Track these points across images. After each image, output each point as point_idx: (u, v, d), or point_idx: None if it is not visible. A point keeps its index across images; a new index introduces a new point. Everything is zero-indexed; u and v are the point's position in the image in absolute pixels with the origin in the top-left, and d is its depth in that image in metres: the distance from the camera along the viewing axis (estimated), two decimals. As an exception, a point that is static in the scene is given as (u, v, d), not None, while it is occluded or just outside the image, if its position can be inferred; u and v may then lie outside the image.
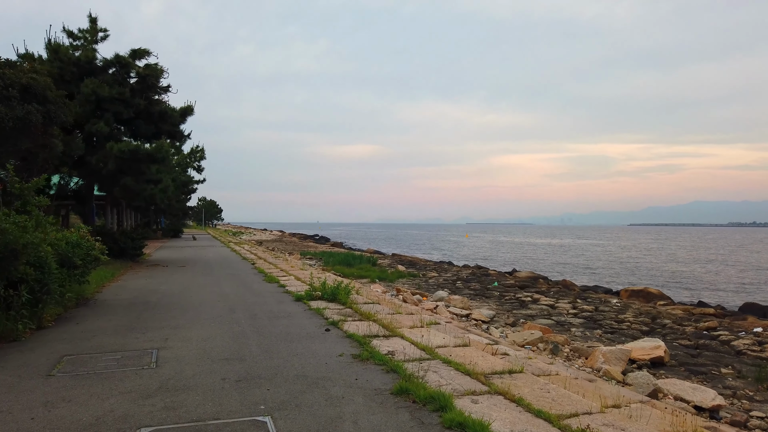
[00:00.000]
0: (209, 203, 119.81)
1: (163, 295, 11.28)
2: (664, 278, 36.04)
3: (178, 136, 20.56)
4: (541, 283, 29.09)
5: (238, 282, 13.98)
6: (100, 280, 13.35)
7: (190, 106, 20.27)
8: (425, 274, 31.24)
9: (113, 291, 12.03)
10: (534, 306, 21.40)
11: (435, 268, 35.91)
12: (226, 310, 9.38)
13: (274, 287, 12.89)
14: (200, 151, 50.91)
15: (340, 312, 9.29)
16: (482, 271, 36.00)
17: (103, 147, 17.96)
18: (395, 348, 6.51)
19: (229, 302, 10.36)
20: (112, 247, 19.98)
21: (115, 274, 15.42)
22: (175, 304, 10.03)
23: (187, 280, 14.26)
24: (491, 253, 63.89)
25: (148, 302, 10.30)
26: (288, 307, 9.77)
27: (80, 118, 17.72)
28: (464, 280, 29.25)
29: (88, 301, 10.47)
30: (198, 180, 52.86)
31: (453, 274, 32.25)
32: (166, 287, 12.74)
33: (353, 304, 10.09)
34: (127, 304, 10.14)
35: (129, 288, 12.56)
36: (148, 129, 19.06)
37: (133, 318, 8.60)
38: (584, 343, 14.82)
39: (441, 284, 27.23)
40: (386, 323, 8.01)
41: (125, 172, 18.01)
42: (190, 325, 7.97)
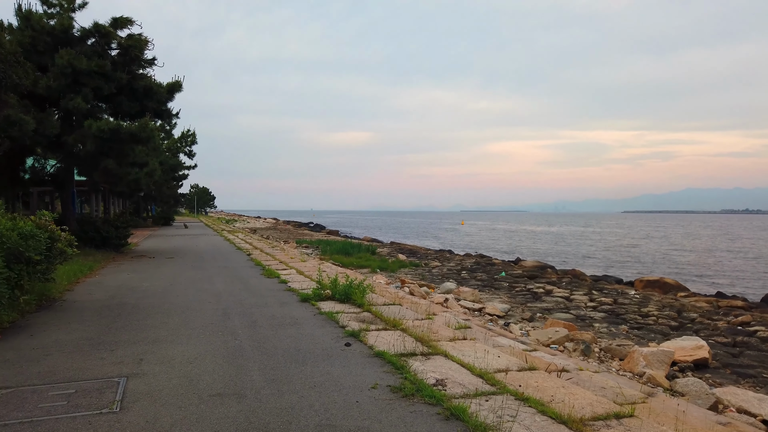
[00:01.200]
0: (202, 190, 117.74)
1: (144, 295, 9.60)
2: (672, 267, 34.77)
3: (165, 115, 18.75)
4: (550, 272, 27.68)
5: (233, 277, 12.32)
6: (74, 274, 11.65)
7: (178, 81, 18.44)
8: (427, 264, 29.74)
9: (87, 289, 10.33)
10: (548, 298, 19.93)
11: (437, 257, 34.43)
12: (219, 315, 7.74)
13: (275, 283, 11.24)
14: (191, 136, 48.95)
15: (357, 317, 7.66)
16: (486, 260, 34.53)
17: (81, 126, 16.14)
18: (444, 373, 4.90)
19: (222, 303, 8.71)
20: (93, 237, 18.27)
21: (94, 267, 13.70)
22: (157, 307, 8.36)
23: (175, 275, 12.59)
24: (489, 241, 62.55)
25: (125, 304, 8.63)
26: (294, 311, 8.14)
27: (55, 93, 15.90)
28: (469, 270, 27.78)
29: (54, 302, 8.79)
30: (189, 165, 50.91)
31: (456, 264, 30.77)
32: (150, 284, 11.06)
33: (371, 306, 8.47)
34: (99, 306, 8.45)
35: (106, 285, 10.87)
36: (131, 106, 17.24)
37: (103, 327, 6.93)
38: (611, 340, 13.42)
39: (445, 274, 25.76)
40: (420, 334, 6.39)
41: (106, 153, 16.22)
42: (172, 338, 6.31)
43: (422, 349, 5.73)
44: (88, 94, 16.08)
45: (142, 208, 49.43)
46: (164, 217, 49.50)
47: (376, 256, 29.92)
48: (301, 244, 35.48)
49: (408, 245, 46.70)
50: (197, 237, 29.71)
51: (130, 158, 16.67)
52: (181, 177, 54.15)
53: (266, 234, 46.75)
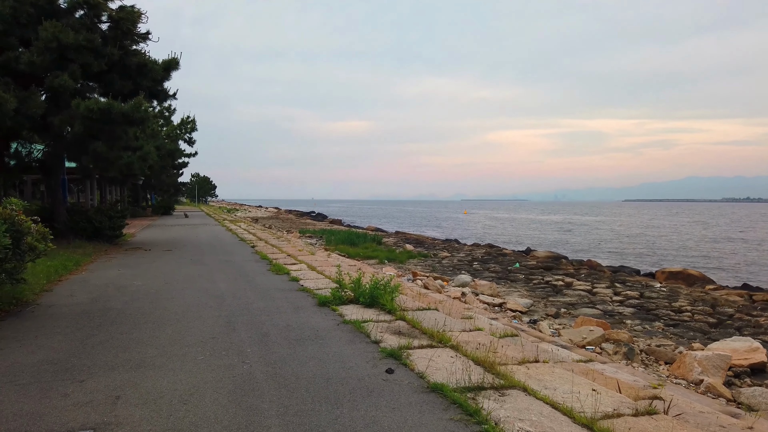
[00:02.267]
0: (203, 179, 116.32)
1: (133, 297, 8.19)
2: (689, 257, 33.40)
3: (161, 95, 17.24)
4: (565, 263, 26.35)
5: (237, 273, 10.91)
6: (57, 271, 10.24)
7: (175, 58, 16.91)
8: (436, 254, 28.41)
9: (69, 289, 8.91)
10: (570, 292, 18.60)
11: (445, 248, 33.09)
12: (221, 325, 6.33)
13: (285, 282, 9.81)
14: (191, 122, 47.38)
15: (390, 327, 6.25)
16: (496, 250, 33.15)
17: (68, 106, 14.66)
18: (536, 423, 3.51)
19: (225, 308, 7.30)
20: (85, 228, 16.86)
21: (82, 261, 12.30)
22: (147, 314, 6.94)
23: (171, 271, 11.17)
24: (494, 230, 61.18)
25: (109, 309, 7.21)
26: (312, 318, 6.72)
27: (39, 70, 14.38)
28: (481, 261, 26.44)
29: (25, 307, 7.38)
30: (189, 153, 49.39)
31: (466, 254, 29.42)
32: (142, 282, 9.65)
33: (404, 312, 7.06)
34: (78, 312, 7.04)
35: (92, 283, 9.45)
36: (124, 85, 15.74)
37: (77, 343, 5.51)
38: (648, 339, 12.11)
39: (456, 266, 24.46)
40: (480, 355, 4.97)
41: (96, 136, 14.74)
42: (163, 361, 4.90)
43: (491, 380, 4.31)
44: (75, 71, 14.58)
45: (141, 197, 47.97)
46: (164, 207, 48.08)
47: (383, 247, 28.84)
48: (305, 234, 34.31)
49: (413, 235, 45.47)
50: (197, 227, 28.30)
51: (123, 141, 15.19)
52: (182, 165, 52.66)
53: (268, 223, 45.47)
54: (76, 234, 16.66)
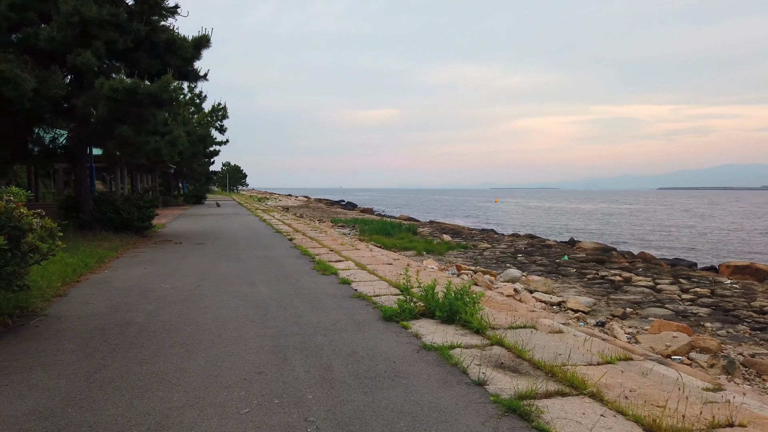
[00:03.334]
0: (233, 168, 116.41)
1: (159, 305, 6.81)
2: (746, 249, 30.87)
3: (191, 76, 15.93)
4: (616, 256, 24.43)
5: (278, 273, 9.49)
6: (75, 270, 8.99)
7: (206, 35, 15.54)
8: (476, 245, 26.74)
9: (85, 293, 7.60)
10: (631, 288, 16.78)
11: (485, 238, 31.36)
12: (268, 352, 4.87)
13: (335, 285, 8.34)
14: (222, 109, 46.42)
15: (488, 356, 4.72)
16: (538, 241, 31.25)
17: (91, 86, 13.44)
18: None
19: (270, 324, 5.86)
20: (112, 219, 15.74)
21: (106, 257, 11.07)
22: (174, 331, 5.54)
23: (204, 270, 9.82)
24: (529, 219, 58.95)
25: (128, 324, 5.83)
26: (382, 342, 5.22)
27: (60, 47, 13.17)
28: (525, 253, 24.68)
29: (30, 319, 6.07)
30: (220, 141, 48.51)
31: (508, 245, 27.64)
32: (170, 284, 8.30)
33: (493, 330, 5.53)
34: (91, 328, 5.68)
35: (113, 286, 8.14)
36: (151, 64, 14.46)
37: (81, 381, 4.12)
38: (736, 346, 10.37)
39: (500, 258, 22.79)
40: (643, 414, 3.43)
41: (121, 119, 13.50)
42: (193, 417, 3.44)
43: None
44: (99, 48, 13.33)
45: (172, 185, 47.35)
46: (195, 196, 47.40)
47: (419, 237, 27.43)
48: (337, 224, 33.23)
49: (449, 224, 43.87)
50: (230, 217, 27.19)
51: (151, 125, 13.92)
52: (213, 153, 51.86)
53: (299, 212, 44.47)
54: (102, 225, 15.56)
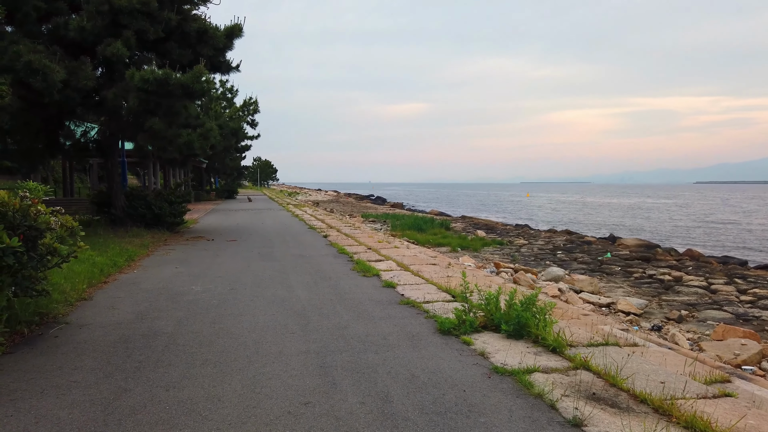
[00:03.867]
0: (264, 163, 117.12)
1: (189, 312, 6.19)
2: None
3: (223, 67, 15.41)
4: (661, 253, 23.14)
5: (316, 273, 8.82)
6: (103, 270, 8.47)
7: (238, 24, 14.97)
8: (512, 242, 25.74)
9: (112, 297, 7.04)
10: (683, 288, 15.62)
11: (520, 234, 30.29)
12: (314, 374, 4.16)
13: (378, 288, 7.61)
14: (254, 104, 46.20)
15: (575, 384, 3.91)
16: (577, 237, 29.99)
17: (122, 78, 13.00)
18: None
19: (313, 336, 5.15)
20: (144, 214, 15.36)
21: (136, 255, 10.59)
22: (205, 345, 4.87)
23: (237, 270, 9.21)
24: (563, 214, 57.24)
25: (155, 335, 5.20)
26: (443, 361, 4.45)
27: (90, 37, 12.76)
28: (565, 250, 23.58)
29: (50, 327, 5.51)
30: (252, 135, 48.36)
31: (546, 242, 26.54)
32: (202, 286, 7.70)
33: (572, 348, 4.73)
34: (115, 340, 5.07)
35: (141, 288, 7.57)
36: (182, 54, 13.96)
37: (98, 411, 3.45)
38: None
39: (538, 255, 21.81)
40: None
41: (152, 111, 13.03)
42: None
43: None
44: (130, 38, 12.86)
45: (204, 180, 47.46)
46: (227, 190, 47.41)
47: (452, 233, 26.68)
48: (368, 219, 32.72)
49: (482, 220, 42.80)
50: (262, 212, 26.78)
51: (182, 117, 13.42)
52: (244, 148, 51.83)
53: (330, 207, 44.09)
54: (134, 221, 15.19)
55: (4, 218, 4.70)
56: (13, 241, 4.55)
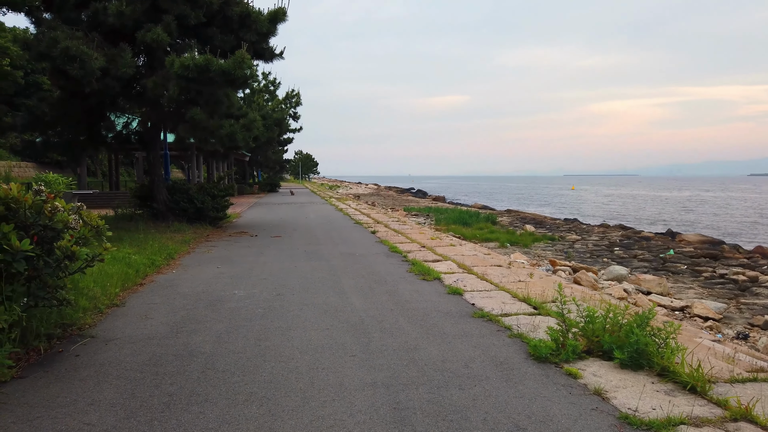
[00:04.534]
0: (306, 156, 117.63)
1: (231, 325, 5.33)
2: None
3: (266, 54, 14.64)
4: (728, 250, 21.29)
5: (369, 275, 7.89)
6: (139, 271, 7.76)
7: (282, 8, 14.16)
8: (563, 237, 24.31)
9: (146, 303, 6.26)
10: (761, 290, 14.18)
11: (572, 229, 28.73)
12: (386, 421, 3.18)
13: (443, 295, 6.61)
14: (296, 96, 45.80)
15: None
16: (633, 232, 28.18)
17: (162, 65, 12.38)
18: None
19: (378, 363, 4.16)
20: (186, 208, 14.80)
21: (176, 252, 9.91)
22: (249, 372, 3.97)
23: (283, 271, 8.37)
24: (612, 208, 54.68)
25: (191, 356, 4.36)
26: (553, 406, 3.41)
27: (129, 22, 12.17)
28: (622, 246, 22.04)
29: (74, 342, 4.74)
30: (294, 128, 47.97)
31: (600, 237, 24.95)
32: (245, 291, 6.87)
33: (713, 386, 3.64)
34: (144, 361, 4.24)
35: (179, 293, 6.79)
36: (225, 40, 13.24)
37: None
38: None
39: (593, 251, 20.41)
40: None
41: (193, 100, 12.38)
42: None
43: None
44: (170, 23, 12.21)
45: (247, 173, 47.42)
46: (270, 184, 47.23)
47: (499, 227, 25.49)
48: (410, 212, 31.96)
49: (528, 213, 41.23)
50: (305, 206, 26.15)
51: (224, 107, 12.72)
52: (287, 141, 51.54)
53: (371, 200, 43.38)
54: (176, 215, 14.65)
55: (15, 216, 3.92)
56: (24, 243, 3.77)
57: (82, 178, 24.37)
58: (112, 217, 15.44)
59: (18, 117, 12.67)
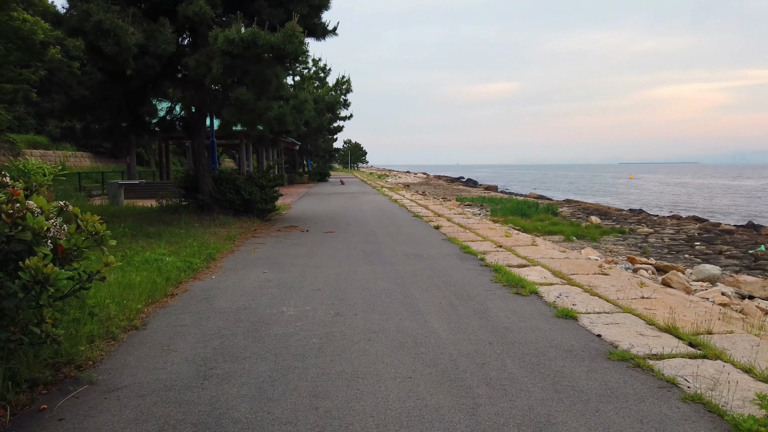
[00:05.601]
0: (355, 146, 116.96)
1: (278, 363, 3.89)
2: None
3: (318, 30, 13.23)
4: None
5: (447, 288, 6.34)
6: (171, 278, 6.49)
7: (336, -23, 12.69)
8: (633, 230, 22.14)
9: (170, 326, 4.91)
10: None
11: (641, 221, 26.42)
12: None
13: (553, 320, 4.98)
14: (346, 83, 44.44)
15: None
16: (710, 224, 25.50)
17: (205, 42, 11.16)
18: None
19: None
20: (232, 200, 13.65)
21: (218, 252, 8.65)
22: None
23: (340, 279, 6.94)
24: (678, 197, 50.96)
25: (221, 423, 3.00)
26: None
27: (170, -5, 11.00)
28: (703, 241, 19.70)
29: (65, 392, 3.46)
30: (345, 116, 46.74)
31: (675, 230, 22.58)
32: (295, 310, 5.42)
33: None
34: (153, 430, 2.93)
35: (215, 309, 5.45)
36: (273, 14, 11.89)
37: None
38: None
39: (671, 246, 18.32)
40: None
41: (239, 80, 11.12)
42: None
43: None
44: (214, -5, 10.96)
45: (297, 162, 46.61)
46: (320, 173, 46.27)
47: (560, 218, 23.79)
48: (463, 202, 30.44)
49: (590, 204, 38.77)
50: (357, 196, 24.82)
51: (273, 87, 11.39)
52: (337, 129, 50.42)
53: (421, 190, 41.84)
54: (222, 207, 13.55)
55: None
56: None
57: (132, 167, 23.83)
58: (155, 209, 14.51)
59: (56, 102, 11.81)
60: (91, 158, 39.90)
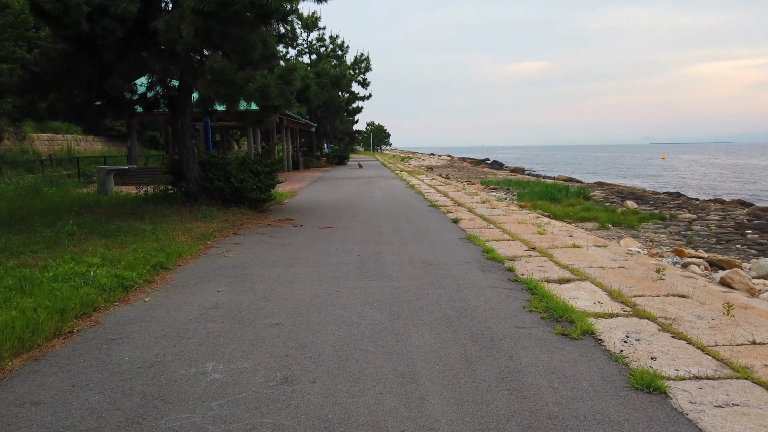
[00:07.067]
0: (377, 128, 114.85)
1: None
2: None
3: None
4: None
5: (459, 320, 4.42)
6: (69, 307, 4.73)
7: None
8: (674, 216, 19.97)
9: (18, 404, 3.20)
10: None
11: (681, 206, 24.15)
12: None
13: (620, 390, 3.04)
14: (365, 61, 42.31)
15: None
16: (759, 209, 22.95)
17: (178, 3, 9.32)
18: None
19: None
20: (221, 188, 11.94)
21: (183, 254, 6.86)
22: None
23: (314, 308, 5.01)
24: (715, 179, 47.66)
25: None
26: None
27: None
28: (756, 229, 17.73)
29: None
30: (363, 96, 44.62)
31: (721, 216, 20.33)
32: (224, 370, 3.53)
33: None
34: None
35: (111, 363, 3.57)
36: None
37: None
38: None
39: (719, 235, 16.52)
40: None
41: (217, 45, 9.26)
42: None
43: None
44: (186, -56, 9.06)
45: (314, 146, 44.79)
46: (338, 156, 44.37)
47: (592, 203, 21.92)
48: (488, 186, 28.42)
49: (624, 187, 36.28)
50: (372, 181, 22.92)
51: (256, 52, 9.45)
52: (356, 110, 48.37)
53: (444, 172, 39.84)
54: (211, 196, 11.83)
55: None
56: None
57: (132, 150, 22.30)
58: (139, 198, 12.88)
59: (14, 76, 10.19)
60: (103, 142, 38.76)
